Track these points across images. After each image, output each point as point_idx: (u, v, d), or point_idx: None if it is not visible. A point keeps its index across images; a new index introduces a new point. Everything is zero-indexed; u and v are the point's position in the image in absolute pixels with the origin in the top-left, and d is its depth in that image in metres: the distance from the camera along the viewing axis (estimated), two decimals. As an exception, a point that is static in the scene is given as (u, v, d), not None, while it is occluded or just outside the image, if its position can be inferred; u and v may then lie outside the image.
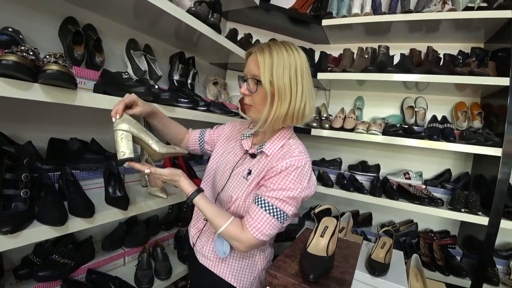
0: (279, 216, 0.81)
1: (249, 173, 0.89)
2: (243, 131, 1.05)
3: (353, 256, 0.94)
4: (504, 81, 1.48)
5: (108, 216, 1.02)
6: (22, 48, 0.72)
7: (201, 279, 0.99)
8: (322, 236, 0.91)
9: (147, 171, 0.81)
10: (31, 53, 0.74)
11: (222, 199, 0.93)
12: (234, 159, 0.98)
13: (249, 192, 0.87)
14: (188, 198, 0.84)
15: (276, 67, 0.80)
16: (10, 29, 0.89)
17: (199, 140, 1.15)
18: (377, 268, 1.04)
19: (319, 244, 0.89)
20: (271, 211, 0.80)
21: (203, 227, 0.99)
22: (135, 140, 0.82)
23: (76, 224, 0.91)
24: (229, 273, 0.92)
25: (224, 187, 0.93)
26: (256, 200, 0.83)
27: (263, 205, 0.81)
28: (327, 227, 0.94)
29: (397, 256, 1.22)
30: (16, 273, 1.03)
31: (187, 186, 0.85)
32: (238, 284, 0.92)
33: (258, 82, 0.83)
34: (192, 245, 1.03)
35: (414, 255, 1.32)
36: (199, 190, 0.85)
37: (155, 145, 0.84)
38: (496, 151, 1.47)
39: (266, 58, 0.81)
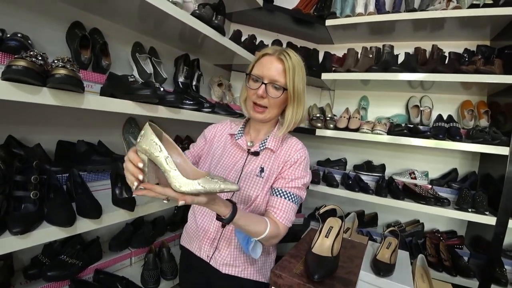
0: (297, 202, 0.91)
1: (262, 170, 0.93)
2: (227, 131, 1.06)
3: (358, 256, 0.94)
4: (511, 79, 1.46)
5: (115, 217, 1.03)
6: (31, 53, 0.74)
7: None
8: (327, 236, 0.92)
9: (181, 203, 0.60)
10: (40, 58, 0.75)
11: (237, 202, 0.91)
12: (234, 161, 0.98)
13: (268, 187, 0.92)
14: (226, 219, 0.72)
15: (296, 75, 0.89)
16: (19, 35, 0.91)
17: None
18: (383, 269, 1.03)
19: (324, 244, 0.89)
20: (293, 199, 0.90)
21: (220, 236, 0.94)
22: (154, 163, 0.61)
23: (84, 225, 0.93)
24: (256, 272, 0.95)
25: None
26: (278, 193, 0.90)
27: (286, 195, 0.89)
28: (332, 227, 0.94)
29: (403, 256, 1.22)
30: (25, 273, 1.05)
31: (224, 205, 0.72)
32: (264, 279, 0.96)
33: (284, 89, 0.89)
34: (207, 259, 0.95)
35: (420, 256, 1.31)
36: (235, 205, 0.75)
37: (175, 180, 0.58)
38: (503, 150, 1.45)
39: (290, 66, 0.87)
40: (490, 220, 1.47)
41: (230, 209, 0.73)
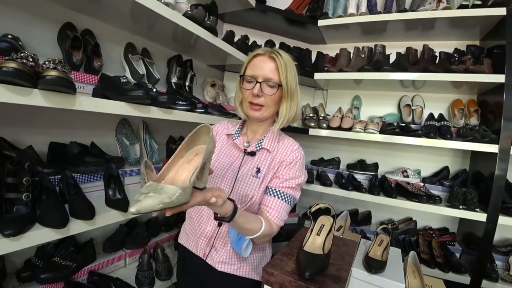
0: (291, 202, 0.93)
1: (258, 170, 0.94)
2: (225, 132, 1.08)
3: (349, 254, 0.95)
4: (499, 78, 1.49)
5: (108, 218, 1.04)
6: (22, 55, 0.74)
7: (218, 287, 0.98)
8: (318, 234, 0.93)
9: (214, 200, 0.64)
10: (31, 59, 0.75)
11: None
12: (230, 160, 0.99)
13: (264, 187, 0.93)
14: (227, 217, 0.72)
15: (289, 72, 0.91)
16: (9, 36, 0.90)
17: None
18: (374, 266, 1.04)
19: (315, 242, 0.90)
20: (286, 199, 0.92)
21: (216, 235, 0.95)
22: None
23: (77, 227, 0.93)
24: (252, 270, 0.97)
25: (233, 189, 0.94)
26: (272, 192, 0.92)
27: (279, 195, 0.91)
28: (324, 225, 0.95)
29: (395, 253, 1.23)
30: (18, 276, 1.04)
31: (228, 203, 0.72)
32: (259, 277, 0.97)
33: (279, 86, 0.91)
34: (203, 256, 0.98)
35: (412, 252, 1.32)
36: (234, 203, 0.75)
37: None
38: (493, 148, 1.49)
39: (282, 64, 0.90)
40: (480, 216, 1.50)
41: (231, 208, 0.72)
